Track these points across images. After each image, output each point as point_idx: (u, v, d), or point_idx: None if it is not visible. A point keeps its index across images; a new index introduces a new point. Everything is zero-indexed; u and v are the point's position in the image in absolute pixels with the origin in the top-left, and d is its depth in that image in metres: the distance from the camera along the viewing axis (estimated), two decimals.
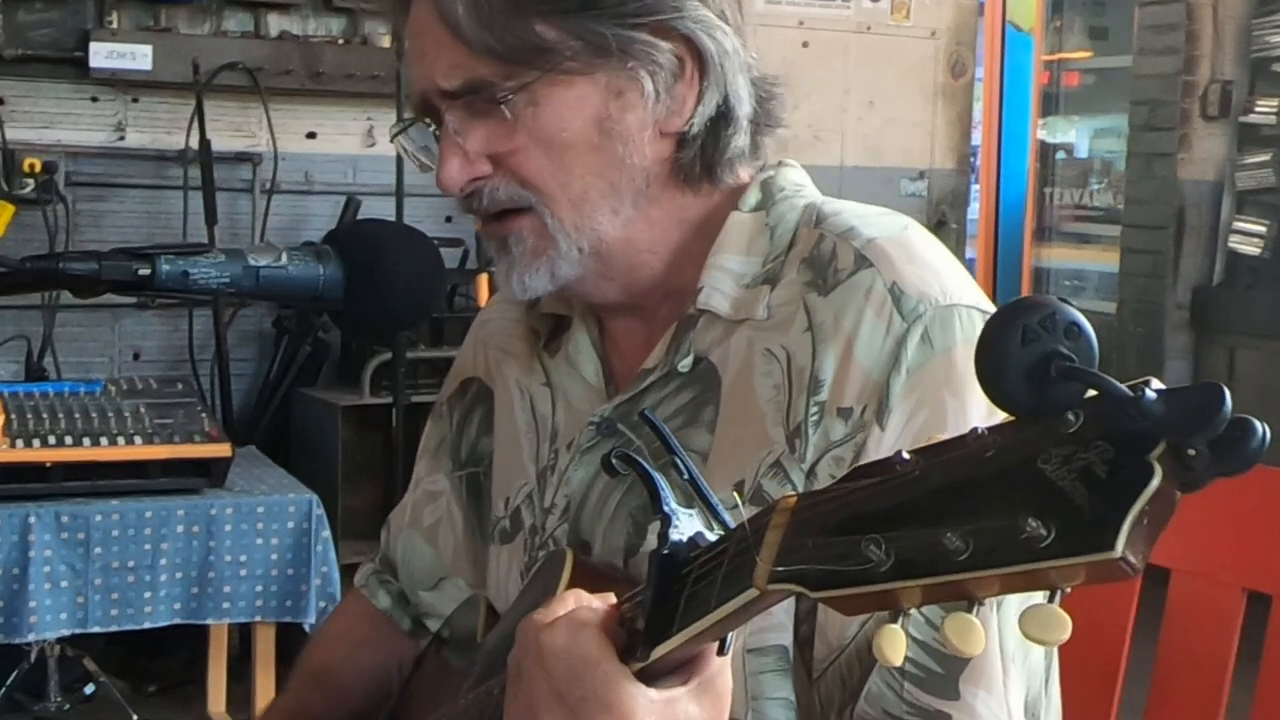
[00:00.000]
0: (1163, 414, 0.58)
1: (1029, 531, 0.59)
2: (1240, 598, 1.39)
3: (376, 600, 1.42)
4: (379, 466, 4.40)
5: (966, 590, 0.63)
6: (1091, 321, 0.65)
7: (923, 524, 0.63)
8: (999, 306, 0.64)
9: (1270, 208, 5.50)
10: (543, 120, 1.08)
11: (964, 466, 0.64)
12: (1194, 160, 5.56)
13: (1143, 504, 0.58)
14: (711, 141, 1.13)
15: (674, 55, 1.09)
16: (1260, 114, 5.54)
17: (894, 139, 5.38)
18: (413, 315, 1.37)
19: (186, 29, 4.36)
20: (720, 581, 0.76)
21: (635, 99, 1.10)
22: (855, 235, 1.10)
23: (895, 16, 5.41)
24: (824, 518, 0.70)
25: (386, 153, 4.45)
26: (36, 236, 4.05)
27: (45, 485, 2.88)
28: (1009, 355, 0.62)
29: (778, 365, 1.09)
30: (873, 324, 1.05)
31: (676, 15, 1.09)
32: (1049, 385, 0.61)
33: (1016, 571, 0.60)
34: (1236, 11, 5.57)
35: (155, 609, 2.95)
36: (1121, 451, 0.59)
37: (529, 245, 1.12)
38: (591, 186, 1.11)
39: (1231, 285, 5.58)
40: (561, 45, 1.07)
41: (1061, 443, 0.60)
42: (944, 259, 1.11)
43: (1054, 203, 6.69)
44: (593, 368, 1.22)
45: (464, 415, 1.36)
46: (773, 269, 1.13)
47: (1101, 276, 6.33)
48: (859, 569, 0.65)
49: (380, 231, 1.39)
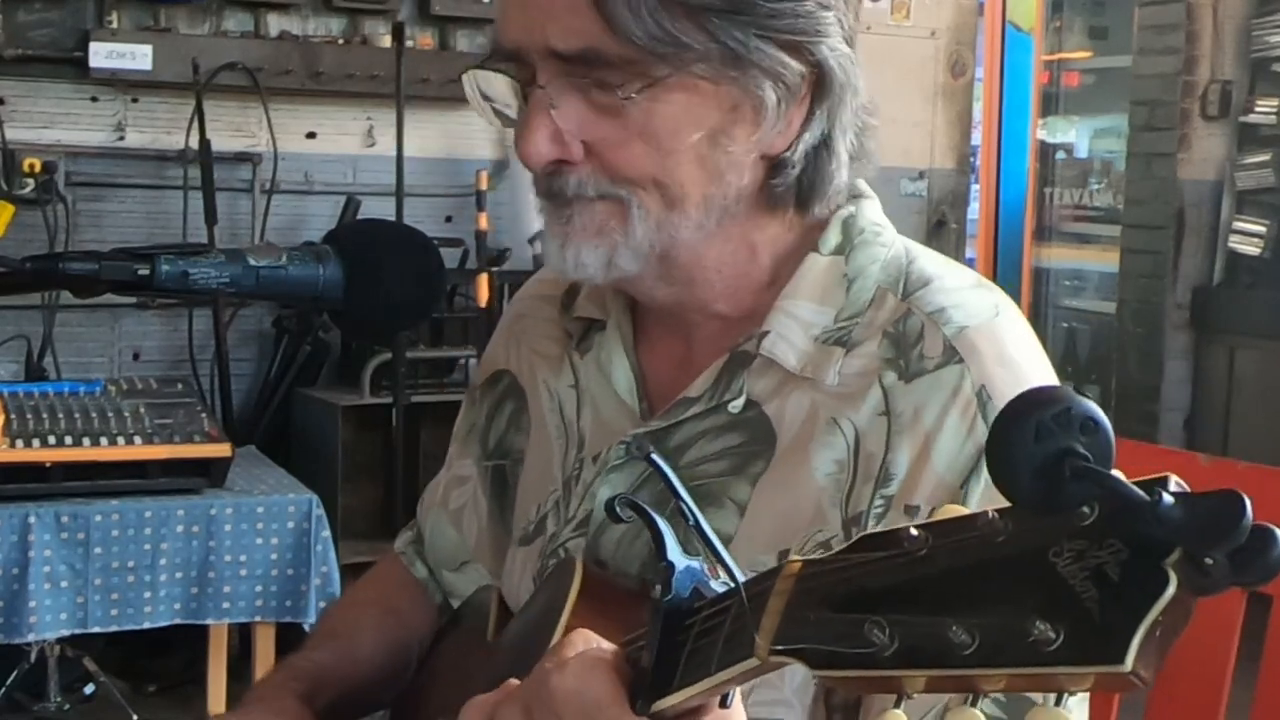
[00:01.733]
0: (1180, 521, 0.56)
1: (1037, 634, 0.57)
2: (1240, 598, 1.39)
3: (415, 569, 1.40)
4: (379, 466, 4.40)
5: (972, 685, 0.61)
6: (1091, 322, 0.64)
7: (928, 610, 0.61)
8: (1014, 398, 0.61)
9: (1270, 208, 5.50)
10: (658, 120, 1.02)
11: (974, 550, 0.62)
12: (1194, 160, 5.56)
13: (1156, 615, 0.56)
14: (810, 171, 1.08)
15: (800, 77, 1.04)
16: (1260, 114, 5.54)
17: (894, 139, 5.38)
18: (413, 315, 1.37)
19: (186, 29, 4.36)
20: (722, 643, 0.74)
21: (750, 115, 1.04)
22: (946, 320, 1.05)
23: (895, 16, 5.41)
24: (828, 589, 0.68)
25: (386, 153, 4.45)
26: (36, 236, 4.05)
27: (45, 485, 2.88)
28: (1021, 452, 0.60)
29: (844, 441, 1.05)
30: (955, 426, 1.01)
31: (817, 38, 1.04)
32: (1062, 484, 0.59)
33: (1023, 674, 0.59)
34: (1236, 11, 5.57)
35: (155, 609, 2.94)
36: (1136, 554, 0.57)
37: (597, 221, 1.05)
38: (688, 195, 1.05)
39: (1231, 285, 5.58)
40: (699, 47, 1.00)
41: (1075, 536, 0.58)
42: (1033, 357, 1.06)
43: (1054, 203, 6.70)
44: (625, 382, 1.17)
45: (494, 406, 1.33)
46: (848, 330, 1.08)
47: (1101, 276, 6.33)
48: (861, 652, 0.63)
49: (380, 231, 1.39)
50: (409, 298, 1.26)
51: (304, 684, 1.27)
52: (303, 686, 1.26)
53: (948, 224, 5.46)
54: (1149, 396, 5.61)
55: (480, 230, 4.51)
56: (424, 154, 4.61)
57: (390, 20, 4.47)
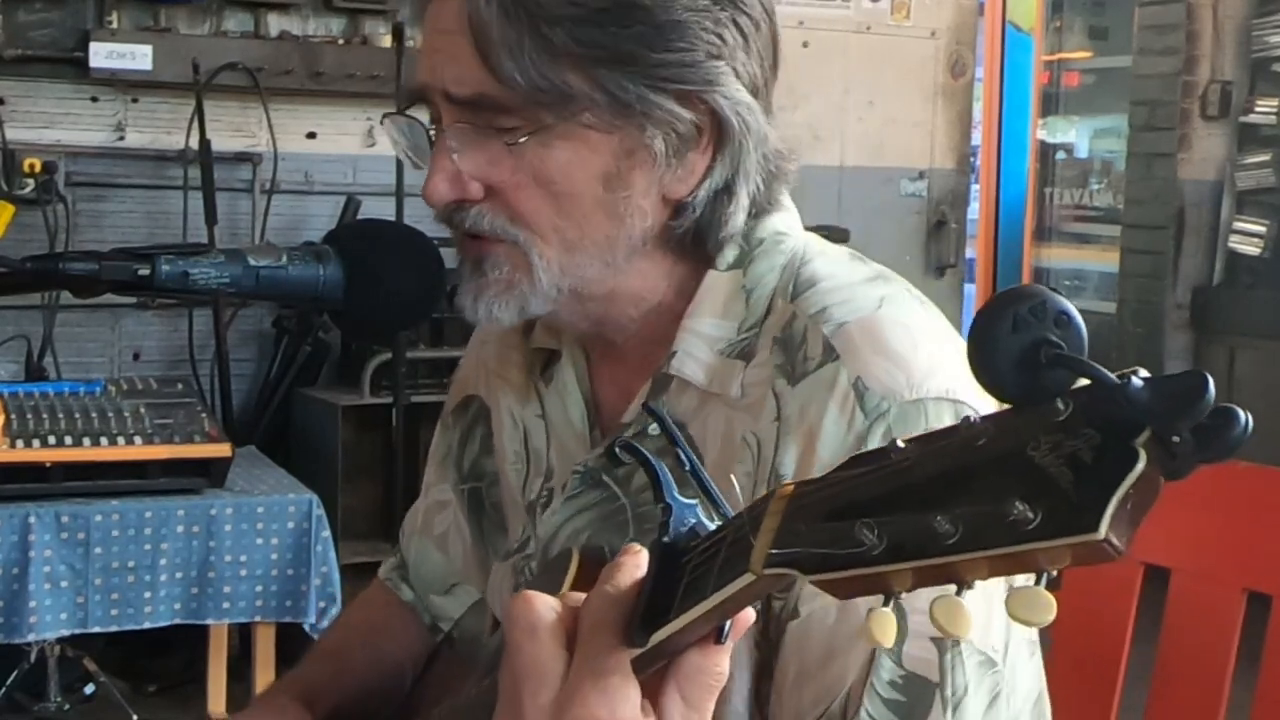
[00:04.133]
0: (1148, 401, 0.60)
1: (1016, 514, 0.61)
2: (1240, 598, 1.39)
3: (401, 593, 1.42)
4: (379, 466, 4.40)
5: (956, 573, 0.64)
6: (1091, 321, 0.66)
7: (914, 509, 0.65)
8: (992, 295, 0.65)
9: (1270, 208, 5.50)
10: (550, 165, 1.05)
11: (956, 454, 0.65)
12: (1194, 160, 5.57)
13: (1126, 488, 0.59)
14: (708, 214, 1.10)
15: (694, 125, 1.06)
16: (1260, 114, 5.54)
17: (894, 139, 5.38)
18: (413, 315, 1.37)
19: (186, 29, 4.36)
20: (718, 568, 0.76)
21: (645, 160, 1.06)
22: (826, 319, 1.07)
23: (895, 16, 5.41)
24: (819, 504, 0.71)
25: (386, 153, 4.42)
26: (36, 236, 4.05)
27: (45, 485, 2.87)
28: (999, 342, 0.63)
29: (750, 453, 1.07)
30: (835, 420, 1.03)
31: (709, 88, 1.06)
32: (1038, 372, 0.63)
33: (1003, 553, 0.62)
34: (1236, 11, 5.57)
35: (155, 609, 2.94)
36: (1108, 438, 0.60)
37: (504, 274, 1.09)
38: (586, 236, 1.07)
39: (1231, 285, 5.58)
40: (585, 97, 1.03)
41: (1051, 430, 0.62)
42: (915, 343, 1.06)
43: (1054, 203, 6.70)
44: (578, 410, 1.20)
45: (466, 430, 1.35)
46: (748, 341, 1.10)
47: (1101, 276, 6.33)
48: (852, 552, 0.67)
49: (380, 231, 1.39)
50: (409, 298, 1.26)
51: (301, 695, 1.30)
52: (303, 697, 1.29)
53: (948, 224, 5.46)
54: None
55: None
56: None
57: (390, 20, 4.47)
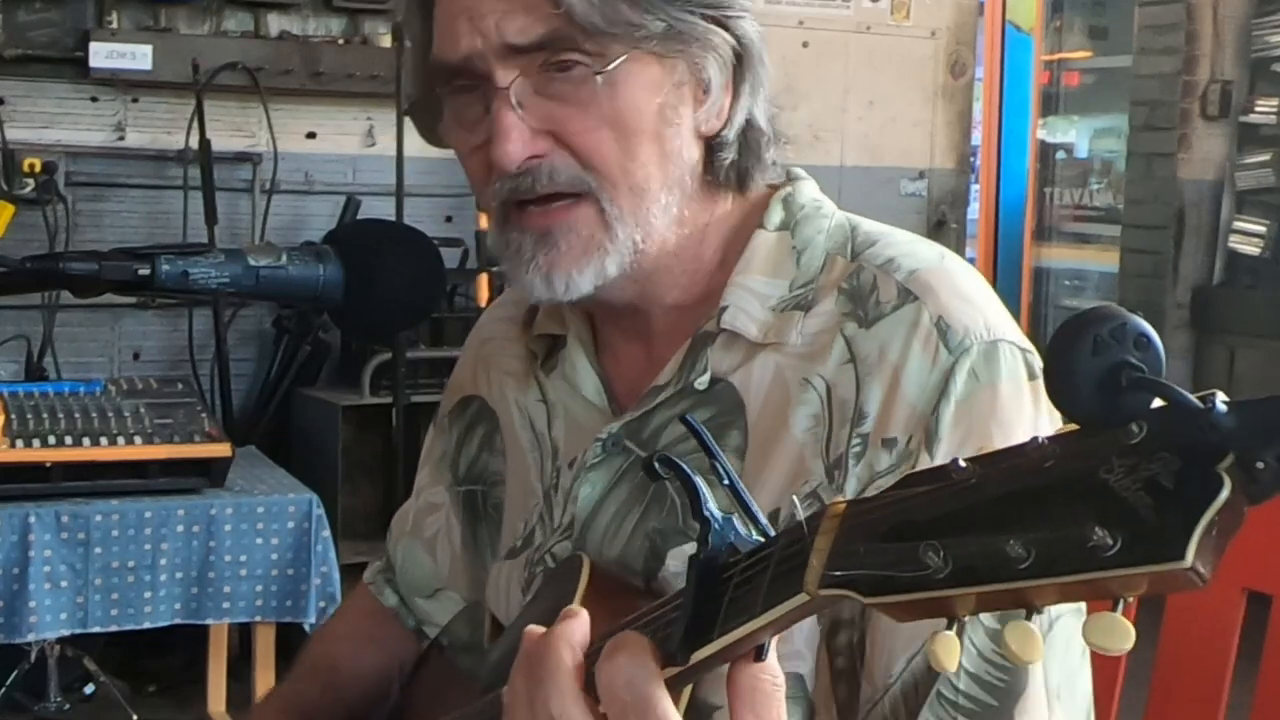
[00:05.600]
0: (1233, 427, 0.59)
1: (1095, 540, 0.59)
2: (1240, 598, 1.39)
3: (384, 598, 1.42)
4: (379, 466, 4.40)
5: (1026, 598, 0.63)
6: None
7: (983, 531, 0.63)
8: (1070, 317, 0.64)
9: (1270, 208, 5.50)
10: (621, 100, 1.05)
11: (1024, 475, 0.63)
12: (1194, 160, 5.57)
13: (1213, 514, 0.58)
14: (745, 148, 1.12)
15: (731, 50, 1.09)
16: (1260, 114, 5.54)
17: (894, 139, 5.38)
18: (413, 315, 1.36)
19: (186, 29, 4.36)
20: (767, 585, 0.75)
21: (690, 92, 1.09)
22: (896, 267, 1.09)
23: (895, 16, 5.41)
24: (876, 524, 0.69)
25: (386, 153, 4.45)
26: (36, 236, 4.05)
27: (45, 485, 2.88)
28: (1079, 363, 0.62)
29: (816, 395, 1.07)
30: (920, 356, 1.04)
31: (740, 13, 1.09)
32: (1118, 394, 0.62)
33: (1080, 580, 0.60)
34: (1236, 11, 5.57)
35: (155, 609, 2.95)
36: (1188, 463, 0.59)
37: (581, 238, 1.07)
38: (652, 177, 1.08)
39: (1231, 285, 5.58)
40: (646, 27, 1.05)
41: (1125, 454, 0.60)
42: (984, 292, 1.10)
43: (1054, 203, 6.70)
44: (593, 385, 1.20)
45: (464, 432, 1.35)
46: (804, 295, 1.11)
47: (1101, 276, 6.33)
48: (915, 575, 0.65)
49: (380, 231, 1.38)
50: (409, 298, 1.26)
51: (295, 715, 1.31)
52: (295, 716, 1.30)
53: (948, 224, 5.46)
54: None
55: (480, 230, 4.51)
56: (424, 154, 4.60)
57: (390, 20, 4.47)
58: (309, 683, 1.36)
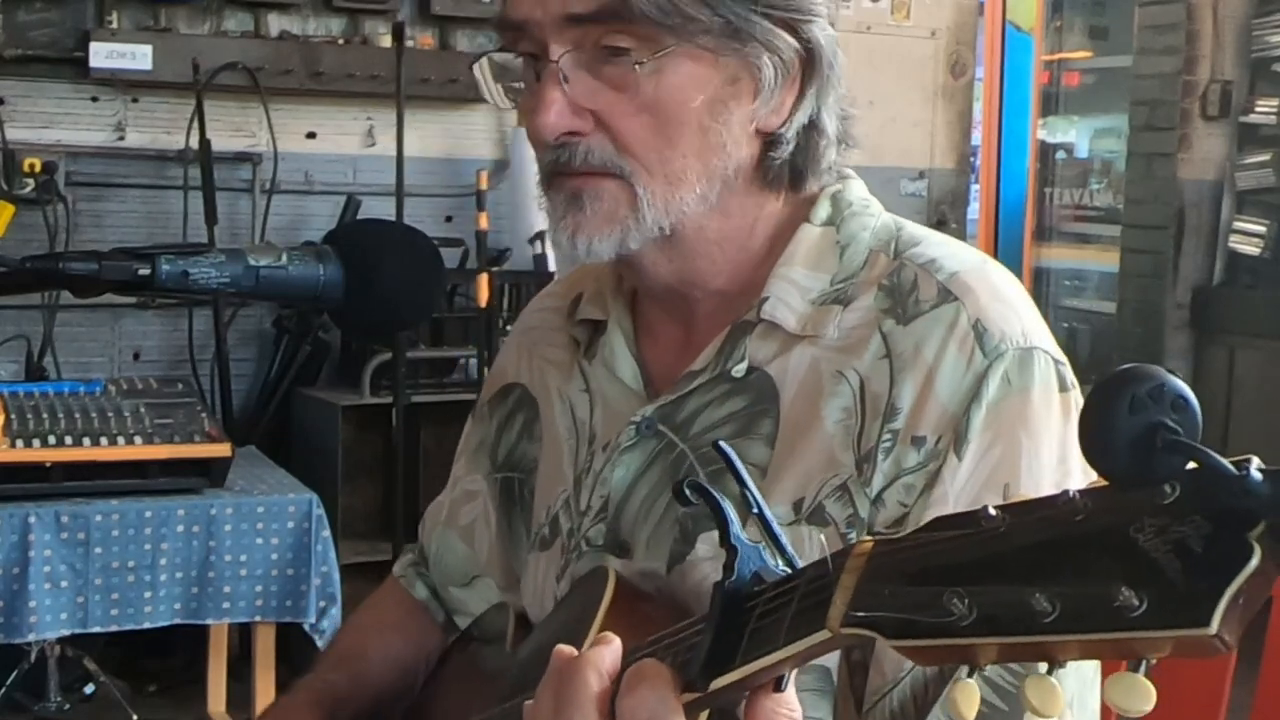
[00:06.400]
0: (1267, 494, 0.58)
1: (1121, 600, 0.59)
2: None
3: (414, 590, 1.42)
4: (379, 466, 4.41)
5: (1048, 652, 0.62)
6: (1091, 322, 0.65)
7: (1008, 581, 0.63)
8: (1108, 373, 0.63)
9: (1270, 208, 5.50)
10: (664, 90, 1.07)
11: (1053, 527, 0.63)
12: (1194, 160, 5.56)
13: (1241, 582, 0.58)
14: (803, 148, 1.13)
15: (795, 54, 1.10)
16: (1260, 114, 5.54)
17: (894, 139, 5.38)
18: (413, 315, 1.37)
19: (186, 29, 4.36)
20: (790, 619, 0.75)
21: (748, 89, 1.09)
22: (938, 268, 1.11)
23: (895, 16, 5.41)
24: (902, 565, 0.69)
25: (387, 153, 4.45)
26: (36, 236, 4.05)
27: (45, 485, 2.88)
28: (1116, 422, 0.62)
29: (849, 388, 1.08)
30: (955, 357, 1.05)
31: (810, 18, 1.11)
32: (1152, 455, 0.61)
33: (1104, 639, 0.60)
34: (1236, 11, 5.57)
35: (155, 609, 2.95)
36: (1219, 527, 0.58)
37: (605, 208, 1.10)
38: (690, 168, 1.09)
39: (1231, 285, 5.58)
40: (704, 19, 1.06)
41: (1156, 514, 0.60)
42: (1023, 299, 1.11)
43: (1054, 203, 6.69)
44: (629, 370, 1.21)
45: (505, 419, 1.35)
46: (844, 289, 1.13)
47: (1101, 276, 6.33)
48: (939, 621, 0.65)
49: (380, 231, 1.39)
50: (409, 298, 1.26)
51: (324, 705, 1.30)
52: (323, 707, 1.30)
53: (948, 224, 5.46)
54: None
55: (480, 230, 4.51)
56: (424, 154, 4.61)
57: (390, 20, 4.47)
58: (339, 673, 1.35)
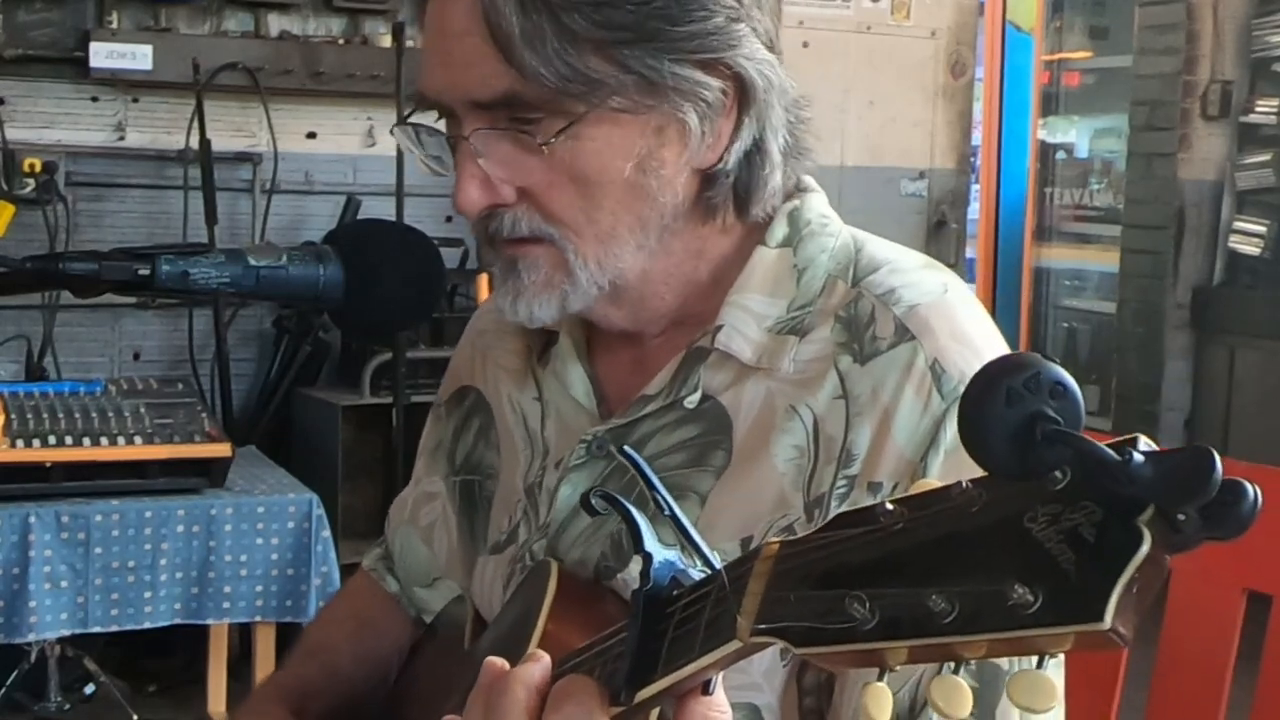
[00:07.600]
0: (1151, 479, 0.57)
1: (1015, 598, 0.58)
2: (1240, 598, 1.39)
3: (386, 584, 1.41)
4: (379, 466, 4.40)
5: (954, 652, 0.61)
6: (1091, 322, 0.64)
7: (907, 582, 0.62)
8: (983, 366, 0.62)
9: (1270, 208, 5.50)
10: (581, 158, 1.03)
11: (949, 521, 0.62)
12: (1194, 160, 5.56)
13: (1131, 572, 0.56)
14: (745, 177, 1.09)
15: (721, 91, 1.05)
16: (1260, 114, 5.54)
17: (894, 139, 5.38)
18: (413, 315, 1.37)
19: (186, 29, 4.36)
20: (704, 628, 0.74)
21: (675, 136, 1.05)
22: (896, 300, 1.07)
23: (895, 16, 5.41)
24: (806, 568, 0.68)
25: (386, 153, 4.45)
26: (36, 236, 4.05)
27: (45, 485, 2.88)
28: (992, 417, 0.60)
29: (802, 426, 1.06)
30: (912, 401, 1.03)
31: (731, 50, 1.05)
32: (1034, 448, 0.59)
33: (1001, 639, 0.59)
34: (1236, 11, 5.57)
35: (155, 609, 2.94)
36: (1109, 514, 0.57)
37: (542, 275, 1.07)
38: (620, 222, 1.06)
39: (1231, 285, 5.58)
40: (613, 81, 1.01)
41: (1048, 501, 0.59)
42: (984, 331, 1.08)
43: (1054, 203, 6.69)
44: (581, 386, 1.19)
45: (461, 422, 1.34)
46: (800, 318, 1.10)
47: (1101, 276, 6.32)
48: (842, 627, 0.63)
49: (380, 231, 1.39)
50: (409, 298, 1.26)
51: (292, 699, 1.30)
52: (291, 701, 1.29)
53: (948, 224, 5.46)
54: (1149, 396, 5.61)
55: None
56: None
57: (390, 20, 4.47)
58: (309, 666, 1.35)
